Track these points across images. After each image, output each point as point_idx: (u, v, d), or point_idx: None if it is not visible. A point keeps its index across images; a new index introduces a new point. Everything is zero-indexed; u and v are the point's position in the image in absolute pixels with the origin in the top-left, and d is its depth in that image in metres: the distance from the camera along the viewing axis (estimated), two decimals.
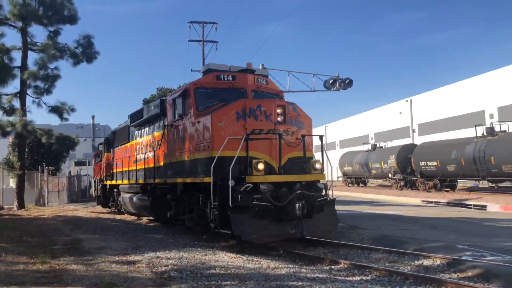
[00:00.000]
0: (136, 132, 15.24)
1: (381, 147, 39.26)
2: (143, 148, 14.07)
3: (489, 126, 25.28)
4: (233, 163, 8.64)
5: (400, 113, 49.24)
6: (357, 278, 6.87)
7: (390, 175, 34.21)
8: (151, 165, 12.78)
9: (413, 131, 47.29)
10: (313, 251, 9.37)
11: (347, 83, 20.58)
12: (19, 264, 7.04)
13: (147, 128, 14.13)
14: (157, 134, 12.84)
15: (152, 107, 12.90)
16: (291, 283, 6.17)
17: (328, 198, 10.15)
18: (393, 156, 33.23)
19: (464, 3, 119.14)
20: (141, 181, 13.78)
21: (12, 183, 26.22)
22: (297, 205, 8.93)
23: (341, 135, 64.64)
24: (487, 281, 6.38)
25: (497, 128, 24.91)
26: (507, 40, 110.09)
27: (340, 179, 45.67)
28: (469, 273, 6.82)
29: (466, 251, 8.17)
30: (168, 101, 11.90)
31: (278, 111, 9.57)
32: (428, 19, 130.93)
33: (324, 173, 10.24)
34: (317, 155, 10.72)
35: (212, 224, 9.26)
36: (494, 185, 24.77)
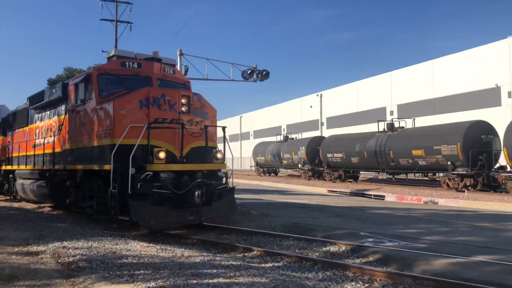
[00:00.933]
0: (36, 116, 14.45)
1: (292, 138, 40.78)
2: (43, 132, 13.46)
3: (389, 122, 27.48)
4: (133, 151, 8.76)
5: (311, 106, 51.52)
6: (270, 264, 7.12)
7: (299, 165, 35.74)
8: (51, 150, 12.33)
9: (322, 124, 49.81)
10: (227, 239, 9.49)
11: (264, 75, 20.96)
12: None
13: (48, 112, 13.48)
14: (58, 118, 12.36)
15: (54, 91, 12.42)
16: (205, 271, 6.21)
17: (228, 186, 10.56)
18: (303, 148, 34.75)
19: (372, 2, 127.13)
20: (39, 166, 13.20)
21: None
22: (196, 193, 9.20)
23: (256, 125, 65.95)
24: (385, 265, 6.98)
25: (396, 124, 27.16)
26: (406, 42, 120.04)
27: (253, 168, 46.64)
28: (370, 258, 7.41)
29: (368, 238, 8.86)
30: (71, 85, 11.54)
31: (183, 101, 9.73)
32: (337, 18, 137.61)
33: (225, 162, 10.66)
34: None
35: (112, 210, 9.30)
36: (392, 177, 27.04)
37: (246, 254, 7.93)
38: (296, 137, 41.02)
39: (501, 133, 20.33)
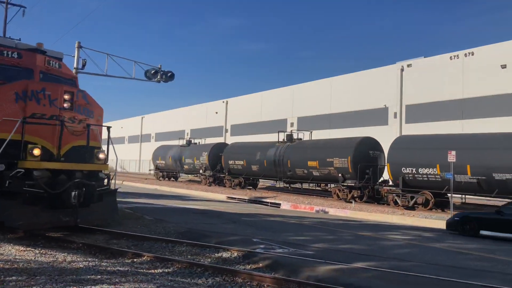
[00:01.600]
0: None
1: (196, 143, 40.53)
2: None
3: (289, 133, 28.69)
4: (3, 146, 8.26)
5: (217, 112, 51.80)
6: (159, 270, 6.93)
7: (201, 171, 35.59)
8: None
9: (226, 131, 50.31)
10: (116, 244, 9.06)
11: (169, 76, 20.55)
12: None
13: None
14: None
15: None
16: (88, 276, 5.86)
17: (110, 188, 10.33)
18: (206, 153, 34.73)
19: (279, 17, 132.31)
20: None
21: None
22: (73, 193, 8.82)
23: (158, 128, 64.37)
24: (274, 271, 7.20)
25: (295, 136, 28.42)
26: (308, 59, 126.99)
27: (152, 172, 45.38)
28: (261, 264, 7.59)
29: (260, 244, 9.08)
30: None
31: (66, 97, 9.36)
32: (245, 28, 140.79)
33: (107, 163, 10.35)
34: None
35: None
36: (288, 185, 28.17)
37: (135, 259, 7.64)
38: (199, 142, 40.85)
39: (386, 149, 22.32)
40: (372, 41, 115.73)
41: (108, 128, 10.49)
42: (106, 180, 10.23)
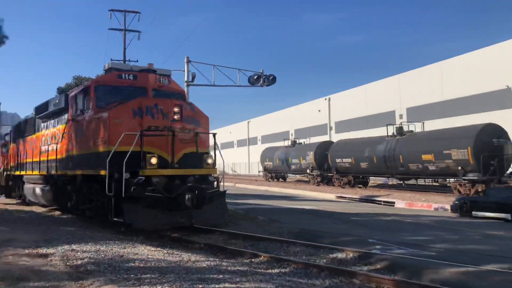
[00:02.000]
0: (42, 124, 15.14)
1: (301, 143, 40.67)
2: (48, 140, 14.09)
3: (398, 126, 27.27)
4: (127, 157, 9.29)
5: (319, 110, 51.40)
6: (276, 270, 7.10)
7: (308, 170, 35.60)
8: (54, 157, 13.02)
9: (331, 128, 49.65)
10: (234, 244, 9.50)
11: (271, 80, 20.98)
12: None
13: (52, 121, 14.18)
14: (60, 127, 13.00)
15: (57, 101, 13.11)
16: (212, 275, 6.22)
17: (219, 190, 11.02)
18: (311, 153, 34.65)
19: (378, 6, 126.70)
20: (44, 172, 13.92)
21: None
22: (187, 196, 9.62)
23: (263, 130, 65.95)
24: (393, 272, 6.92)
25: (406, 128, 26.95)
26: (413, 45, 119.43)
27: (261, 173, 46.59)
28: (378, 266, 7.36)
29: (376, 245, 8.80)
30: (71, 96, 12.20)
31: (175, 109, 10.23)
32: (344, 21, 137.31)
33: (215, 167, 11.11)
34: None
35: (109, 213, 9.86)
36: (402, 182, 26.83)
37: (253, 260, 7.92)
38: (304, 142, 40.91)
39: None
40: (484, 16, 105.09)
41: (214, 134, 11.27)
42: (215, 183, 11.04)
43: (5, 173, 20.50)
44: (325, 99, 50.83)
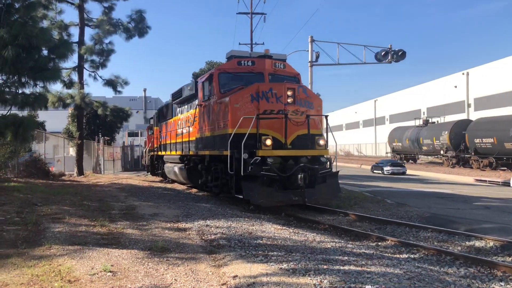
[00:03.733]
0: (178, 109, 16.77)
1: (434, 122, 37.87)
2: (183, 123, 15.49)
3: None
4: (244, 139, 9.92)
5: (455, 86, 46.99)
6: (404, 256, 6.83)
7: (442, 152, 33.09)
8: (187, 139, 14.37)
9: (469, 106, 45.08)
10: (359, 227, 9.36)
11: (400, 55, 19.78)
12: (81, 226, 7.56)
13: (185, 106, 15.63)
14: (192, 112, 14.18)
15: (188, 88, 14.31)
16: (337, 257, 6.22)
17: (332, 171, 11.19)
18: (446, 132, 32.03)
19: None
20: (179, 152, 15.51)
21: (72, 151, 27.79)
22: (299, 175, 10.09)
23: (392, 109, 62.79)
24: None
25: None
26: None
27: (389, 155, 44.66)
28: None
29: None
30: (199, 83, 13.23)
31: (288, 93, 10.59)
32: None
33: (327, 149, 11.31)
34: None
35: (232, 190, 10.61)
36: None
37: (379, 243, 7.73)
38: (437, 121, 38.00)
39: None
40: None
41: (326, 116, 11.45)
42: (328, 164, 11.21)
43: (150, 153, 23.15)
44: (463, 73, 46.15)
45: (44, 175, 17.83)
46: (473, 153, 28.62)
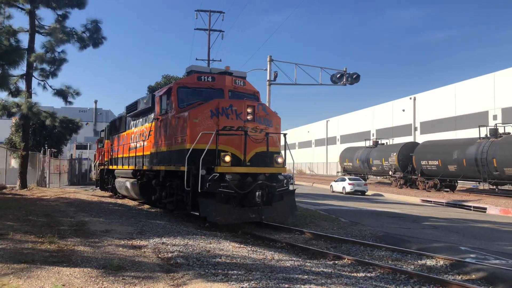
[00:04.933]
0: (132, 122, 16.26)
1: (383, 144, 39.30)
2: (137, 137, 15.07)
3: (493, 127, 25.27)
4: (203, 155, 9.83)
5: (403, 110, 49.24)
6: (362, 274, 6.92)
7: (390, 172, 34.31)
8: (141, 153, 14.02)
9: (415, 129, 47.32)
10: (315, 245, 9.42)
11: (354, 78, 20.44)
12: (27, 243, 7.08)
13: (140, 119, 15.21)
14: (147, 125, 13.84)
15: (144, 101, 14.04)
16: (296, 276, 6.20)
17: (289, 189, 11.28)
18: (395, 154, 33.31)
19: (464, 2, 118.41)
20: (132, 167, 15.01)
21: (14, 163, 26.21)
22: (257, 193, 10.07)
23: (343, 130, 64.68)
24: (491, 284, 6.43)
25: (501, 130, 24.91)
26: (508, 41, 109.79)
27: (339, 174, 45.75)
28: (473, 276, 6.88)
29: (469, 253, 8.23)
30: (156, 97, 13.01)
31: (248, 110, 10.63)
32: (429, 17, 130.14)
33: (285, 166, 11.35)
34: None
35: (188, 207, 10.41)
36: (495, 187, 24.83)
37: (337, 262, 7.80)
38: (386, 143, 39.47)
39: None
40: None
41: (285, 135, 11.55)
42: (286, 182, 11.29)
43: (100, 167, 22.26)
44: (410, 98, 48.55)
45: None
46: (419, 175, 29.90)
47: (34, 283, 5.00)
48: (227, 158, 10.10)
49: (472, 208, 20.28)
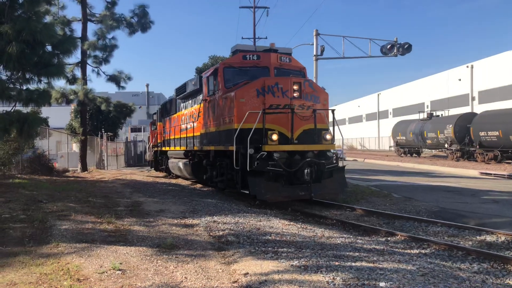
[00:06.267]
0: (182, 104, 16.64)
1: (438, 116, 37.62)
2: (187, 119, 15.42)
3: None
4: (250, 134, 9.86)
5: (460, 79, 46.70)
6: (415, 251, 6.74)
7: (446, 145, 32.88)
8: (191, 134, 14.38)
9: (473, 99, 44.83)
10: (367, 222, 9.27)
11: (406, 48, 19.58)
12: (88, 223, 7.50)
13: (190, 101, 15.52)
14: (196, 107, 14.10)
15: (193, 83, 14.19)
16: (347, 253, 6.14)
17: (338, 165, 11.14)
18: (451, 126, 31.81)
19: None
20: (184, 148, 15.46)
21: (75, 147, 27.75)
22: (305, 170, 10.08)
23: (395, 103, 62.51)
24: None
25: None
26: None
27: (392, 149, 44.49)
28: None
29: None
30: (204, 78, 13.12)
31: (294, 87, 10.50)
32: None
33: (334, 143, 11.16)
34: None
35: (237, 185, 10.58)
36: None
37: (389, 238, 7.64)
38: (441, 115, 37.76)
39: None
40: None
41: (333, 111, 11.22)
42: (335, 158, 11.10)
43: (153, 149, 23.14)
44: (467, 66, 45.85)
45: (47, 171, 17.80)
46: (478, 147, 28.44)
47: (94, 261, 5.30)
48: (274, 137, 10.09)
49: None
